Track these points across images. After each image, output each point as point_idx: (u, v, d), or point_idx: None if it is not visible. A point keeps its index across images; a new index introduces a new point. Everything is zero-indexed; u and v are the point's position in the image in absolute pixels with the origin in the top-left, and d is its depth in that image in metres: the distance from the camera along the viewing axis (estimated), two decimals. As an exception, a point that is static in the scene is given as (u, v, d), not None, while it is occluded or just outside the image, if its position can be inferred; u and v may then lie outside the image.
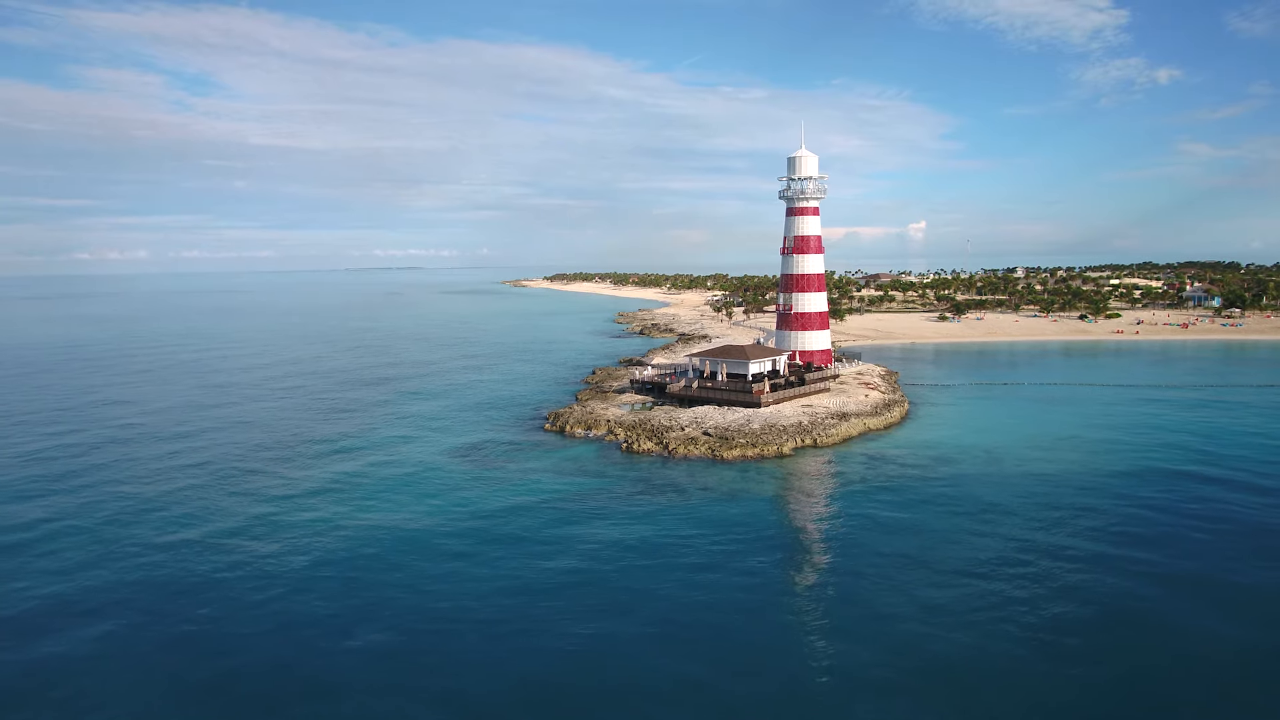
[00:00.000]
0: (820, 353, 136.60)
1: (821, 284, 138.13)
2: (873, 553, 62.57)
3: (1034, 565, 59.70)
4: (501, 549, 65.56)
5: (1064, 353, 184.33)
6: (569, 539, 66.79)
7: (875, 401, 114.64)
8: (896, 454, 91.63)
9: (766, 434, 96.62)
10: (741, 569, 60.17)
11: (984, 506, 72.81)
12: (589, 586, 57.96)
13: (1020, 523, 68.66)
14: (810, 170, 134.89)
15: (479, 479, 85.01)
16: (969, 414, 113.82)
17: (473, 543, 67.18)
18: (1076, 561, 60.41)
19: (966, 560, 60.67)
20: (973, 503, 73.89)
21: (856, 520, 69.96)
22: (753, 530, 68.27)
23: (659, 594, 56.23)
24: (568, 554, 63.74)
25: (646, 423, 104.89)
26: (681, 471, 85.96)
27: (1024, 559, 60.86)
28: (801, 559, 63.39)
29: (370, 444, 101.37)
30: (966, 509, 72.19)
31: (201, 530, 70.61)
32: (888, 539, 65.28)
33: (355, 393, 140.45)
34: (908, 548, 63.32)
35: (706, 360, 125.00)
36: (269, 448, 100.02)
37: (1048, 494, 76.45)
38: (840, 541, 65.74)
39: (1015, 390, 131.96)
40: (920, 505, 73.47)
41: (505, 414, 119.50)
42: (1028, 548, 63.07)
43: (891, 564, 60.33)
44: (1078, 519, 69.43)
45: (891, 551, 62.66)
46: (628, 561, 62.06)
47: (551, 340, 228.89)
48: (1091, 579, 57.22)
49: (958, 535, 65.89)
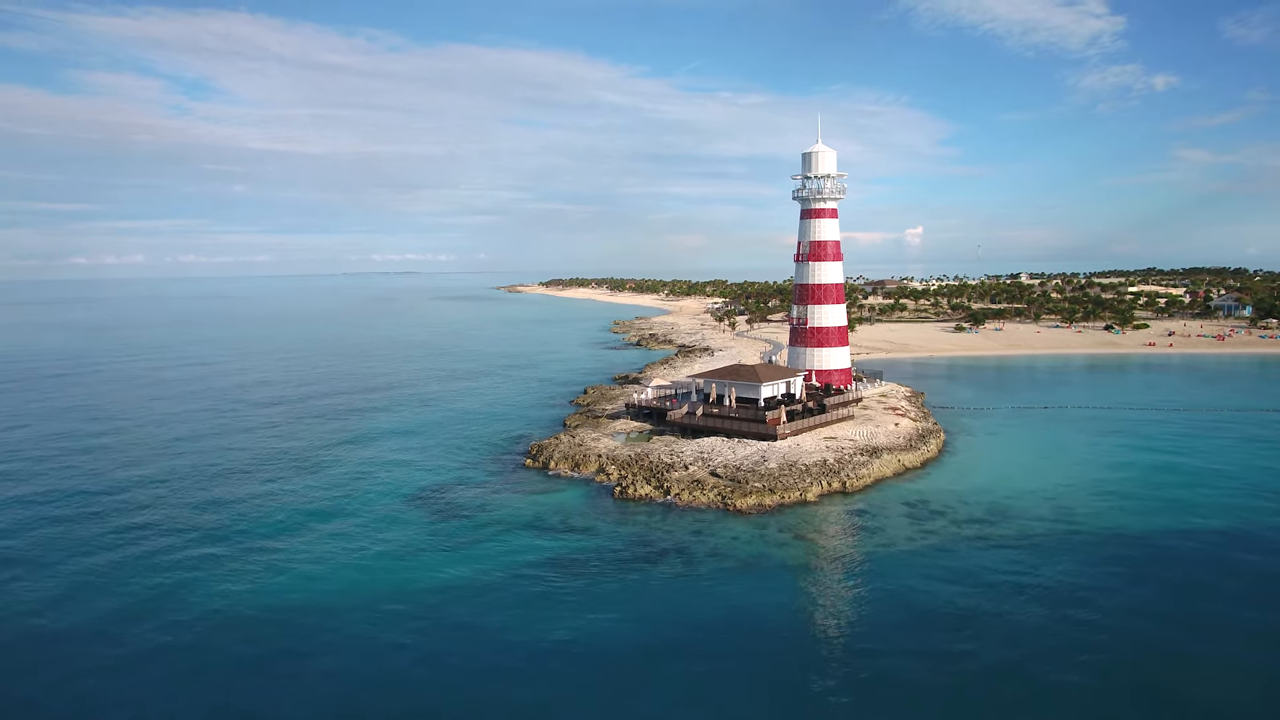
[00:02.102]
0: (839, 372, 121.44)
1: (840, 295, 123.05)
2: (942, 667, 47.30)
3: (1173, 685, 44.54)
4: (452, 642, 50.43)
5: (1097, 369, 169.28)
6: (538, 638, 51.45)
7: (907, 432, 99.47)
8: (942, 502, 76.40)
9: (786, 475, 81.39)
10: (761, 694, 44.91)
11: (1071, 587, 57.57)
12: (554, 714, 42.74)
13: (1125, 616, 53.42)
14: (828, 167, 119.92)
15: (439, 536, 69.62)
16: (1015, 448, 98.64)
17: (416, 631, 51.98)
18: (1221, 672, 45.29)
19: (1079, 680, 45.44)
20: (1056, 579, 58.66)
21: (910, 610, 54.68)
22: (777, 629, 53.02)
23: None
24: (534, 662, 48.44)
25: (644, 458, 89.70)
26: (686, 525, 70.71)
27: (1154, 676, 45.67)
28: (845, 676, 48.01)
29: (319, 484, 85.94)
30: (1049, 586, 56.98)
31: (65, 617, 55.20)
32: (959, 641, 50.03)
33: (316, 416, 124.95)
34: (992, 656, 48.07)
35: (712, 382, 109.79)
36: (188, 487, 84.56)
37: (1144, 565, 61.23)
38: (892, 649, 50.44)
39: (1059, 416, 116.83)
40: (992, 586, 58.19)
41: (482, 444, 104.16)
42: (1147, 648, 47.90)
43: (973, 683, 45.10)
44: (1195, 603, 54.27)
45: (971, 665, 47.40)
46: (611, 680, 46.78)
47: (542, 352, 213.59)
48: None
49: (1050, 633, 50.64)
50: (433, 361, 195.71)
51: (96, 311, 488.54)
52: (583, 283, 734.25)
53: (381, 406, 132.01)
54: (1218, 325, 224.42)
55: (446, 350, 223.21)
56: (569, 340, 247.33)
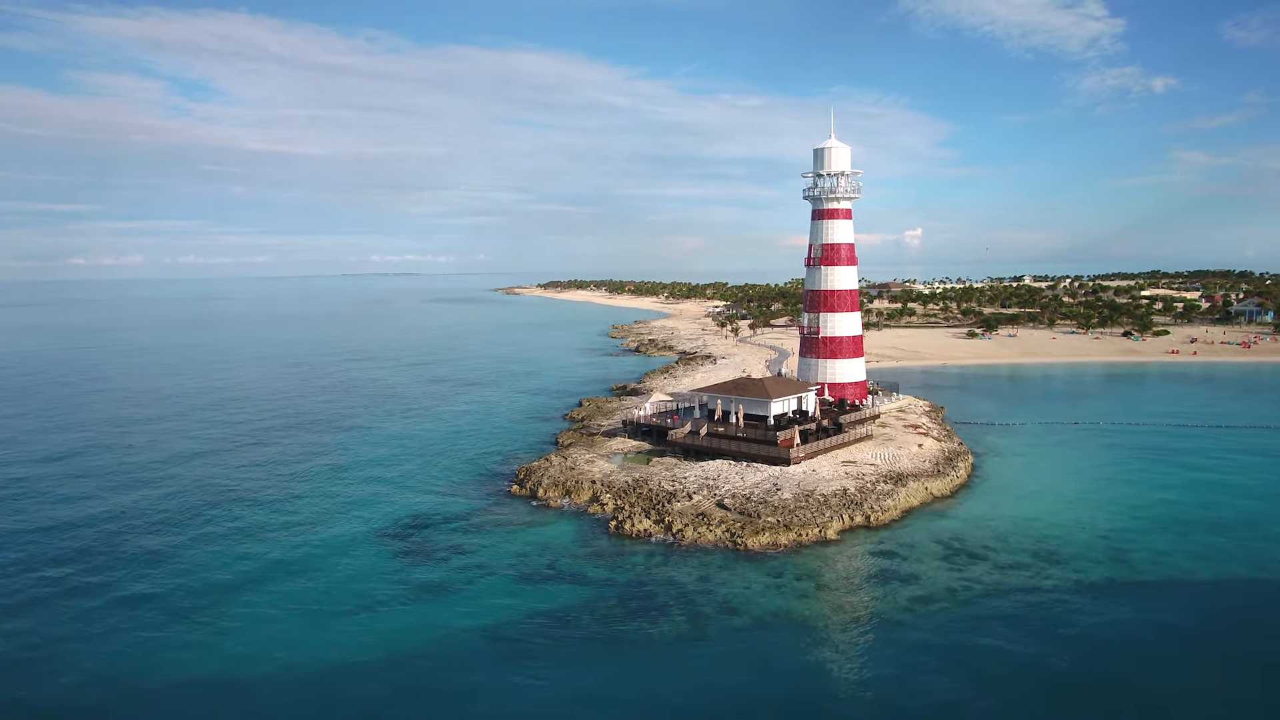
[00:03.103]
0: (854, 385, 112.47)
1: (855, 302, 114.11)
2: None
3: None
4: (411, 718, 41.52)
5: (1121, 378, 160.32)
6: (511, 717, 42.52)
7: (933, 454, 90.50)
8: (980, 541, 67.41)
9: (802, 508, 72.39)
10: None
11: (1151, 652, 48.63)
12: None
13: (1217, 703, 44.49)
14: (842, 164, 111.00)
15: (405, 585, 60.62)
16: (1050, 472, 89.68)
17: (367, 706, 43.03)
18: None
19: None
20: (1131, 642, 49.73)
21: (964, 684, 45.70)
22: (801, 713, 44.05)
23: None
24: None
25: (643, 485, 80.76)
26: (691, 570, 61.71)
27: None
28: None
29: (277, 520, 76.89)
30: (1124, 652, 48.05)
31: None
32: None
33: (287, 432, 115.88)
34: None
35: (718, 398, 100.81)
36: (126, 529, 75.51)
37: (1228, 629, 52.31)
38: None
39: (1091, 433, 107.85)
40: (1055, 654, 49.22)
41: (466, 466, 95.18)
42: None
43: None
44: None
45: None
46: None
47: (536, 359, 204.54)
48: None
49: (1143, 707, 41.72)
50: (420, 369, 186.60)
51: (87, 313, 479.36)
52: (581, 284, 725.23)
53: (360, 421, 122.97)
54: (1241, 331, 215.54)
55: (436, 357, 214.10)
56: (565, 346, 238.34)
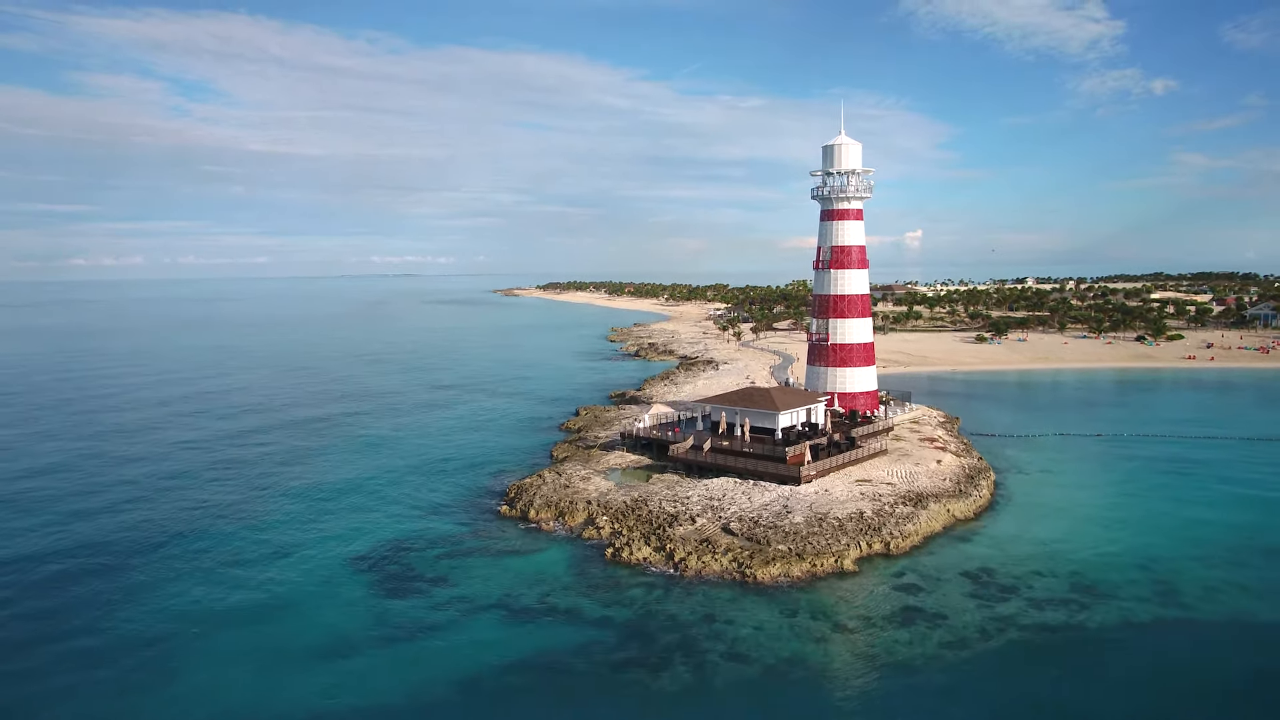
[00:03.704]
0: (865, 395, 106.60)
1: (866, 307, 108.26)
2: None
3: None
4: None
5: (1138, 386, 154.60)
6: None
7: (952, 471, 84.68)
8: (1011, 572, 61.59)
9: (816, 534, 66.55)
10: None
11: (1218, 709, 42.86)
12: None
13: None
14: (853, 161, 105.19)
15: (382, 623, 54.78)
16: (1078, 491, 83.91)
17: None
18: None
19: None
20: (1192, 697, 43.96)
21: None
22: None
23: None
24: None
25: (642, 506, 74.96)
26: (695, 607, 55.89)
27: None
28: None
29: (248, 544, 71.04)
30: (1185, 707, 42.27)
31: None
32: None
33: (266, 443, 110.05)
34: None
35: (722, 409, 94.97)
36: (93, 544, 69.68)
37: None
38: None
39: (1116, 447, 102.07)
40: (1108, 711, 43.42)
41: (455, 482, 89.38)
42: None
43: None
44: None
45: None
46: None
47: (533, 364, 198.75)
48: None
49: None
50: (413, 374, 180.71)
51: (79, 316, 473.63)
52: (580, 286, 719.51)
53: (346, 431, 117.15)
54: (1258, 336, 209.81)
55: (430, 361, 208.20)
56: (563, 350, 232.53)
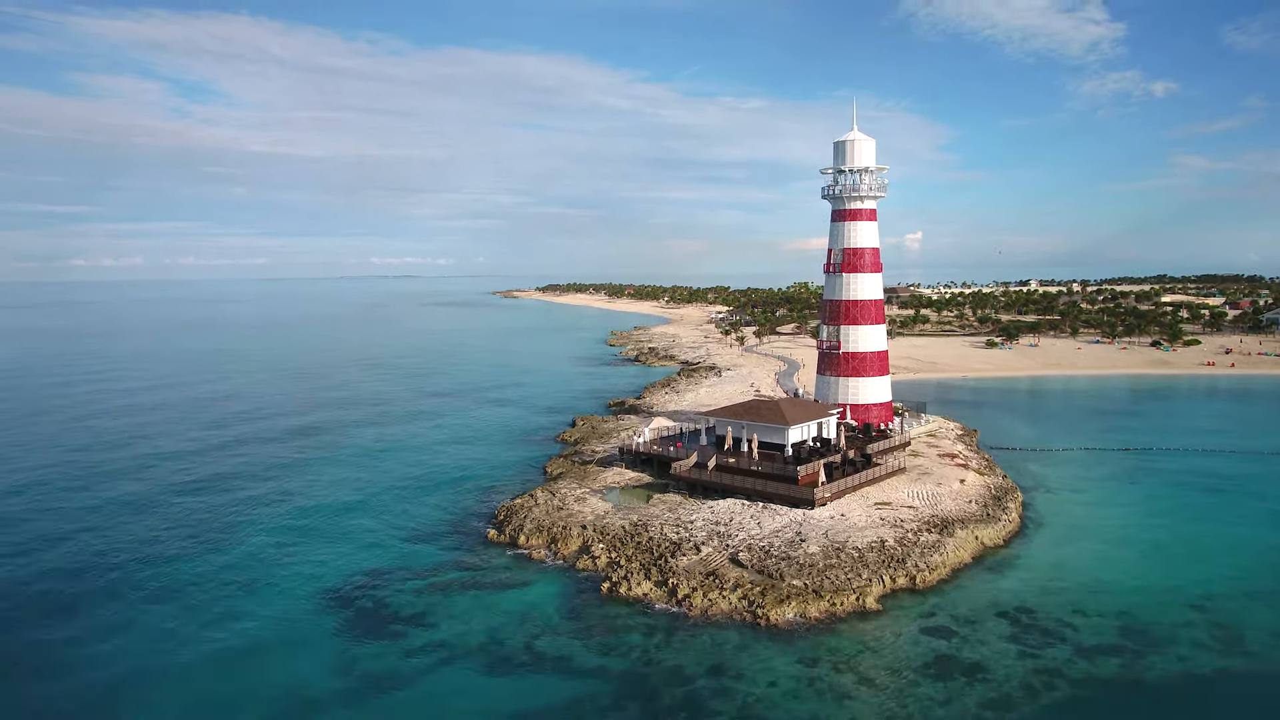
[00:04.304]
0: (879, 407, 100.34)
1: (880, 313, 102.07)
2: None
3: None
4: None
5: (1159, 394, 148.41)
6: None
7: (977, 491, 78.39)
8: (1052, 613, 55.32)
9: (834, 567, 60.26)
10: None
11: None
12: None
13: None
14: (865, 158, 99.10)
15: (348, 673, 48.50)
16: (1114, 513, 77.66)
17: None
18: None
19: None
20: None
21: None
22: None
23: None
24: None
25: (642, 532, 68.72)
26: (701, 656, 49.61)
27: None
28: None
29: (212, 569, 64.78)
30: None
31: None
32: None
33: (243, 456, 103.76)
34: None
35: (727, 423, 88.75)
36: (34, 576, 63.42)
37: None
38: None
39: (1147, 462, 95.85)
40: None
41: (440, 501, 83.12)
42: None
43: None
44: None
45: None
46: None
47: (530, 369, 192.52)
48: None
49: None
50: (404, 381, 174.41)
51: (72, 318, 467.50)
52: (580, 288, 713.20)
53: (328, 445, 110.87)
54: (1278, 341, 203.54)
55: (423, 367, 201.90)
56: (561, 354, 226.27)
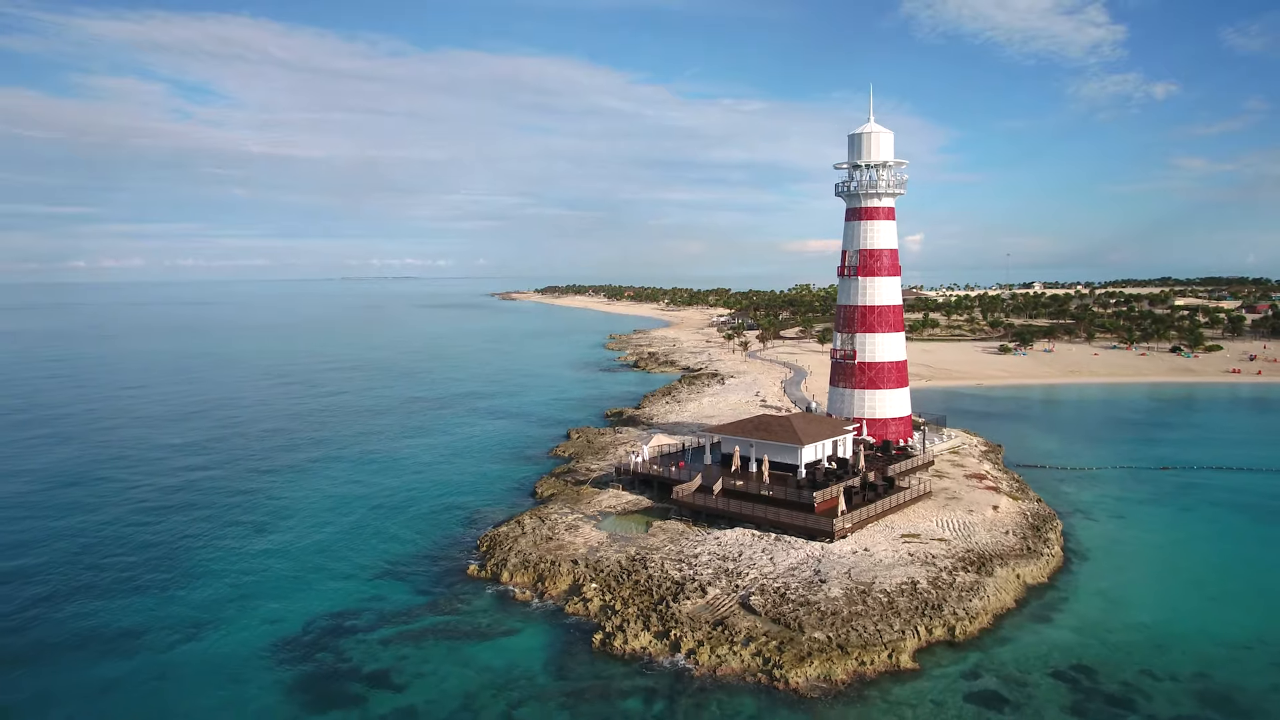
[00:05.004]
0: (897, 421, 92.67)
1: (899, 320, 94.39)
2: None
3: None
4: None
5: (1188, 404, 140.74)
6: None
7: (1012, 519, 70.65)
8: (1115, 672, 47.60)
9: (860, 615, 52.49)
10: None
11: None
12: None
13: None
14: (884, 152, 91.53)
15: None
16: (1166, 545, 70.00)
17: None
18: None
19: None
20: None
21: None
22: None
23: None
24: None
25: (640, 569, 61.04)
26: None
27: None
28: None
29: (150, 615, 57.02)
30: None
31: None
32: None
33: (208, 473, 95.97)
34: None
35: (734, 441, 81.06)
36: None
37: None
38: None
39: (1193, 484, 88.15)
40: None
41: (417, 530, 75.37)
42: None
43: None
44: None
45: None
46: None
47: (525, 375, 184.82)
48: None
49: None
50: (391, 389, 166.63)
51: (66, 319, 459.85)
52: (580, 290, 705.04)
53: (301, 462, 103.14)
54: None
55: (412, 373, 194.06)
56: (558, 359, 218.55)
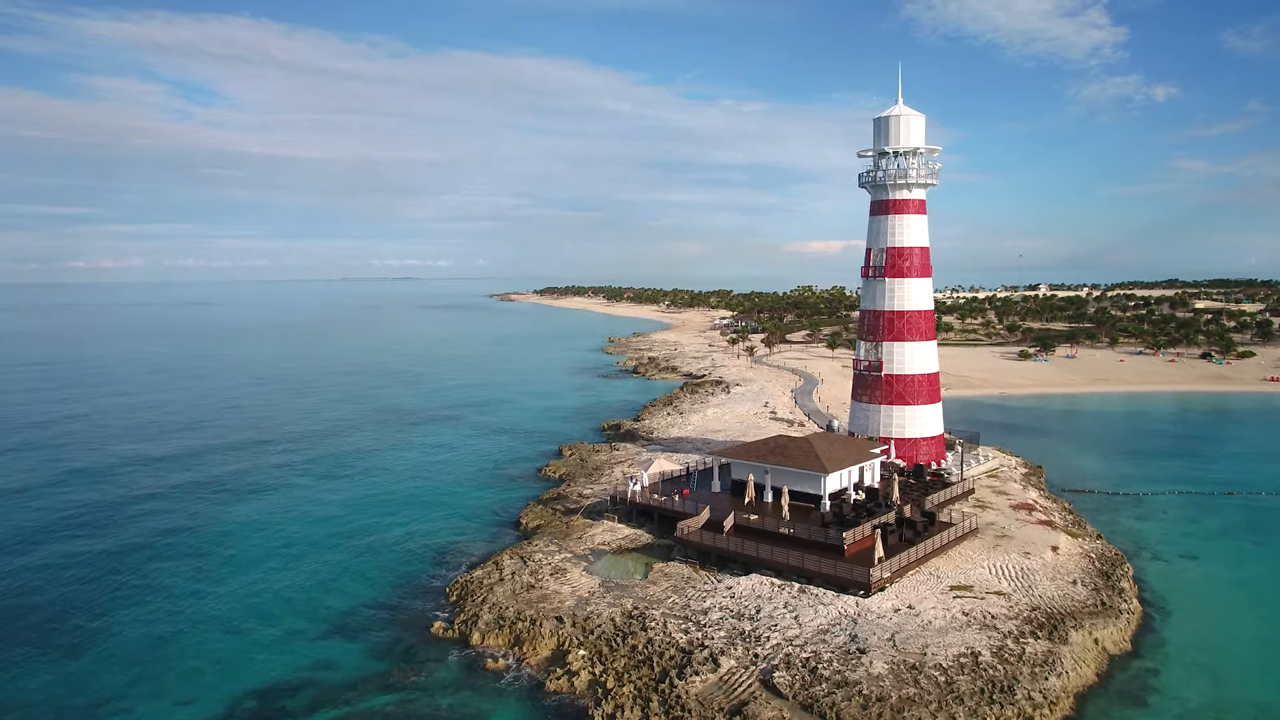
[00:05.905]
0: (929, 441, 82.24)
1: (930, 326, 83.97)
2: None
3: None
4: None
5: (1232, 415, 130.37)
6: None
7: (1076, 563, 60.16)
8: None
9: (912, 700, 41.97)
10: None
11: None
12: None
13: None
14: (914, 138, 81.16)
15: None
16: (1253, 588, 59.72)
17: None
18: None
19: None
20: None
21: None
22: None
23: None
24: None
25: (638, 630, 50.57)
26: None
27: None
28: None
29: (43, 682, 46.60)
30: None
31: None
32: None
33: (153, 497, 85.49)
34: None
35: (748, 468, 70.56)
36: None
37: None
38: None
39: (1265, 512, 77.82)
40: None
41: (381, 567, 64.98)
42: None
43: None
44: None
45: None
46: None
47: (519, 382, 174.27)
48: None
49: None
50: (375, 396, 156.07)
51: (62, 319, 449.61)
52: (579, 291, 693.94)
53: (260, 485, 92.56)
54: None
55: (401, 379, 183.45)
56: (554, 365, 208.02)
